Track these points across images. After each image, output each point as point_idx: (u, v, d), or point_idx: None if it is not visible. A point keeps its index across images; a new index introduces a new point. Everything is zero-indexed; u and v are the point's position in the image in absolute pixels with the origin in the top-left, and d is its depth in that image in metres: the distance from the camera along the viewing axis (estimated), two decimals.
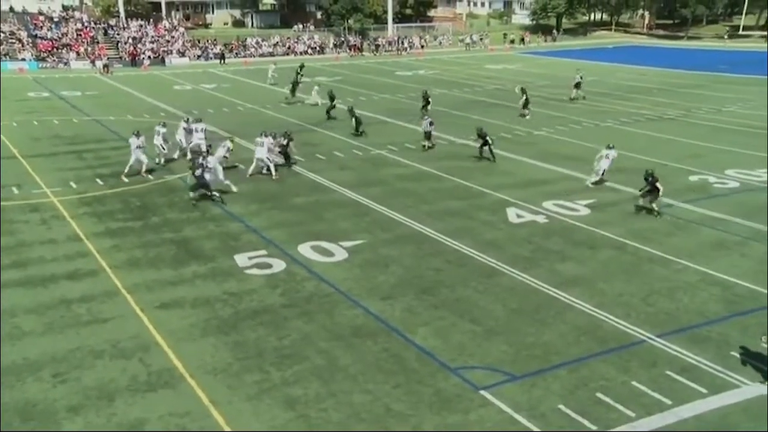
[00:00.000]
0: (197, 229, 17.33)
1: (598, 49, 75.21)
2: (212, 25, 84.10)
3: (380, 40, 75.41)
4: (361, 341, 11.73)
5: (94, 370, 10.80)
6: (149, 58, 60.39)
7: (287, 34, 74.82)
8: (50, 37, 60.68)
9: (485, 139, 23.81)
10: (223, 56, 62.55)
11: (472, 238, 16.66)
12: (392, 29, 79.99)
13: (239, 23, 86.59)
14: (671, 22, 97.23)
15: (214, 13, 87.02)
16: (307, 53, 69.03)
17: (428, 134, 25.91)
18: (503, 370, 10.83)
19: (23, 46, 58.56)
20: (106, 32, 64.04)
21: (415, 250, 15.96)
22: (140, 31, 65.05)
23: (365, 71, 55.33)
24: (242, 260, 15.24)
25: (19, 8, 65.62)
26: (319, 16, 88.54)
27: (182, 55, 63.43)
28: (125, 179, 21.59)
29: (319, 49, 71.57)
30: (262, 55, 67.12)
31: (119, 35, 63.73)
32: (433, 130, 26.05)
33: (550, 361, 11.11)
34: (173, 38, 65.56)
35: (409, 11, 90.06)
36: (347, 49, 72.12)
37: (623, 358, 11.20)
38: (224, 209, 18.80)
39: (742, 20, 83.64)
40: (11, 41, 58.16)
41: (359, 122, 28.30)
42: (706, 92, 42.19)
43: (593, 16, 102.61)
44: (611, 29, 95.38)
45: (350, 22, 78.76)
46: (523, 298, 13.44)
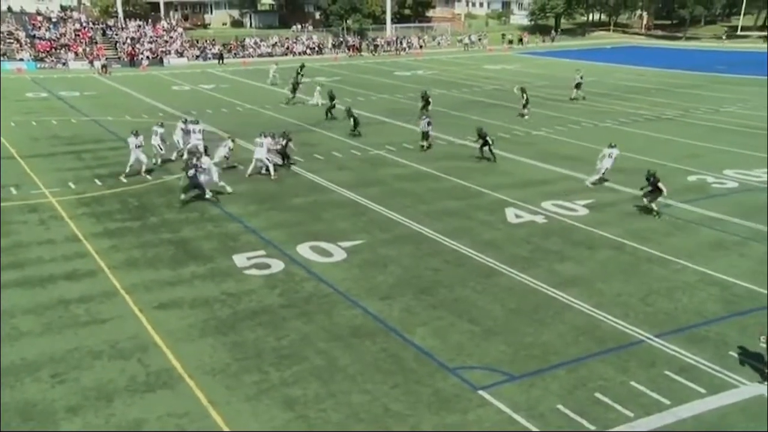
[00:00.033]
0: (196, 229, 17.32)
1: (596, 49, 75.25)
2: (211, 25, 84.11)
3: (379, 40, 75.38)
4: (359, 341, 11.73)
5: (92, 370, 10.79)
6: (148, 58, 60.34)
7: (286, 34, 74.81)
8: (48, 37, 60.63)
9: (485, 139, 23.83)
10: (221, 56, 62.54)
11: (470, 238, 16.67)
12: (391, 29, 79.99)
13: (238, 23, 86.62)
14: (669, 22, 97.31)
15: (212, 13, 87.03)
16: (305, 53, 68.99)
17: (426, 134, 25.94)
18: (502, 370, 10.83)
19: (21, 46, 58.49)
20: (104, 32, 64.00)
21: (413, 250, 15.97)
22: (139, 31, 65.02)
23: (364, 71, 55.33)
24: (241, 261, 15.24)
25: (17, 8, 65.56)
26: (317, 16, 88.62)
27: (181, 55, 63.40)
28: (124, 179, 21.59)
29: (317, 49, 71.55)
30: (260, 55, 67.10)
31: (117, 35, 63.68)
32: (430, 130, 26.09)
33: (548, 361, 11.11)
34: (172, 38, 65.53)
35: (407, 11, 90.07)
36: (346, 49, 72.09)
37: (622, 358, 11.21)
38: (223, 210, 18.80)
39: (740, 21, 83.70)
40: (9, 41, 58.09)
41: (357, 122, 28.33)
42: (704, 92, 42.24)
43: (591, 16, 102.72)
44: (609, 30, 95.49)
45: (349, 22, 78.78)
46: (521, 298, 13.45)
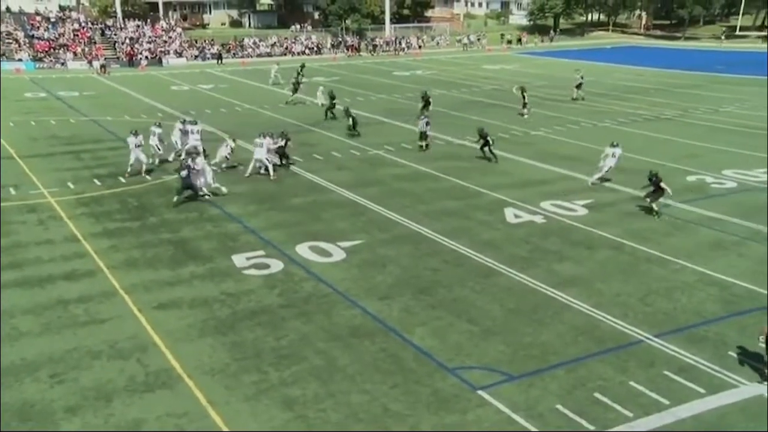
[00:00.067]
0: (195, 229, 17.32)
1: (595, 49, 75.29)
2: (209, 25, 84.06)
3: (378, 40, 75.38)
4: (358, 341, 11.73)
5: (91, 370, 10.79)
6: (146, 58, 60.31)
7: (285, 34, 74.78)
8: (47, 37, 60.57)
9: (486, 139, 23.85)
10: (220, 56, 62.50)
11: (469, 238, 16.67)
12: (390, 29, 79.97)
13: (236, 23, 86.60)
14: (668, 22, 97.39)
15: (211, 13, 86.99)
16: (304, 53, 68.96)
17: (424, 134, 25.89)
18: (501, 370, 10.83)
19: (20, 46, 58.44)
20: (103, 32, 63.96)
21: (412, 250, 15.97)
22: (137, 31, 64.98)
23: (363, 71, 55.32)
24: (240, 261, 15.23)
25: (15, 8, 65.49)
26: (316, 16, 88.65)
27: (179, 55, 63.37)
28: (123, 180, 21.57)
29: (316, 49, 71.54)
30: (259, 55, 67.08)
31: (116, 35, 63.63)
32: (428, 130, 26.06)
33: (547, 361, 11.12)
34: (170, 38, 65.49)
35: (406, 11, 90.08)
36: (345, 49, 72.06)
37: (621, 358, 11.22)
38: (222, 210, 18.79)
39: (739, 21, 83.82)
40: (8, 41, 58.03)
41: (355, 122, 28.34)
42: (703, 92, 42.26)
43: (590, 16, 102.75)
44: (608, 30, 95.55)
45: (348, 22, 78.80)
46: (520, 298, 13.45)
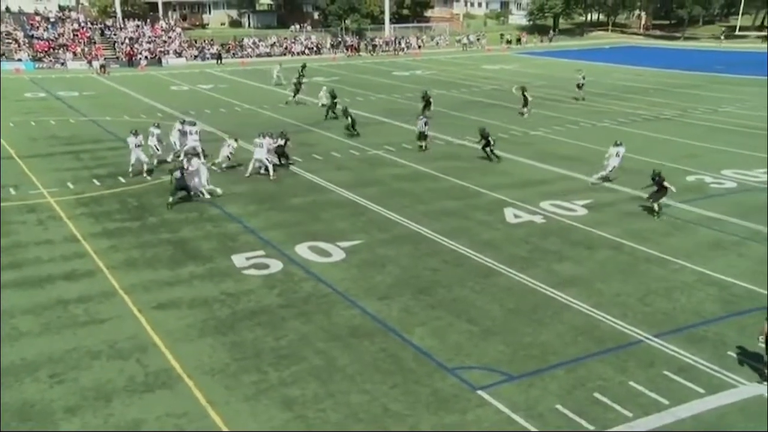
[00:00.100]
0: (195, 229, 17.31)
1: (594, 49, 75.30)
2: (209, 25, 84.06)
3: (377, 40, 75.40)
4: (358, 341, 11.73)
5: (91, 370, 10.79)
6: (146, 58, 60.31)
7: (284, 34, 74.79)
8: (47, 37, 60.57)
9: (487, 139, 23.86)
10: (220, 56, 62.50)
11: (469, 238, 16.67)
12: (389, 29, 79.97)
13: (236, 23, 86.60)
14: (668, 22, 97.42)
15: (211, 13, 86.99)
16: (304, 53, 68.95)
17: (423, 135, 25.84)
18: (500, 370, 10.83)
19: (20, 46, 58.42)
20: (102, 32, 63.95)
21: (412, 250, 15.97)
22: (137, 31, 64.98)
23: (362, 71, 55.32)
24: (240, 261, 15.23)
25: (15, 8, 65.46)
26: (316, 16, 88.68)
27: (179, 55, 63.37)
28: (122, 180, 21.57)
29: (315, 49, 71.55)
30: (259, 55, 67.08)
31: (116, 35, 63.63)
32: (427, 130, 26.01)
33: (547, 361, 11.12)
34: (170, 38, 65.48)
35: (406, 11, 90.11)
36: (344, 49, 72.06)
37: (620, 358, 11.22)
38: (222, 210, 18.79)
39: (738, 21, 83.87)
40: (7, 41, 58.02)
41: (354, 122, 28.35)
42: (702, 92, 42.28)
43: (590, 16, 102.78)
44: (608, 29, 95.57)
45: (347, 22, 78.81)
46: (520, 298, 13.46)
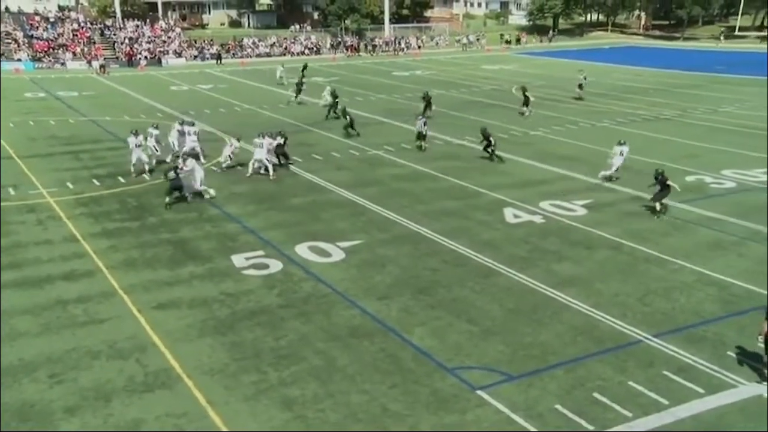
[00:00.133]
0: (194, 229, 17.31)
1: (594, 49, 75.32)
2: (209, 25, 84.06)
3: (377, 40, 75.39)
4: (358, 341, 11.73)
5: (90, 370, 10.78)
6: (146, 58, 60.31)
7: (284, 34, 74.80)
8: (46, 37, 60.56)
9: (489, 139, 23.88)
10: (219, 56, 62.49)
11: (468, 238, 16.67)
12: (389, 30, 79.98)
13: (236, 23, 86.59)
14: (667, 22, 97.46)
15: (210, 13, 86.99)
16: (303, 54, 68.96)
17: (422, 135, 25.80)
18: (500, 370, 10.83)
19: (19, 46, 58.42)
20: (102, 32, 63.95)
21: (411, 250, 15.97)
22: (137, 31, 64.97)
23: (362, 71, 55.32)
24: (239, 261, 15.23)
25: (14, 8, 65.44)
26: (315, 16, 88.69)
27: (179, 55, 63.36)
28: (122, 180, 21.57)
29: (315, 49, 71.55)
30: (258, 55, 67.09)
31: (116, 35, 63.62)
32: (426, 130, 25.97)
33: (547, 361, 11.12)
34: (170, 38, 65.48)
35: (405, 12, 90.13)
36: (344, 49, 72.07)
37: (620, 358, 11.22)
38: (222, 210, 18.78)
39: (738, 21, 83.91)
40: (7, 41, 58.00)
41: (352, 121, 28.37)
42: (702, 92, 42.28)
43: (590, 16, 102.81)
44: (607, 30, 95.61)
45: (347, 22, 78.81)
46: (519, 298, 13.46)
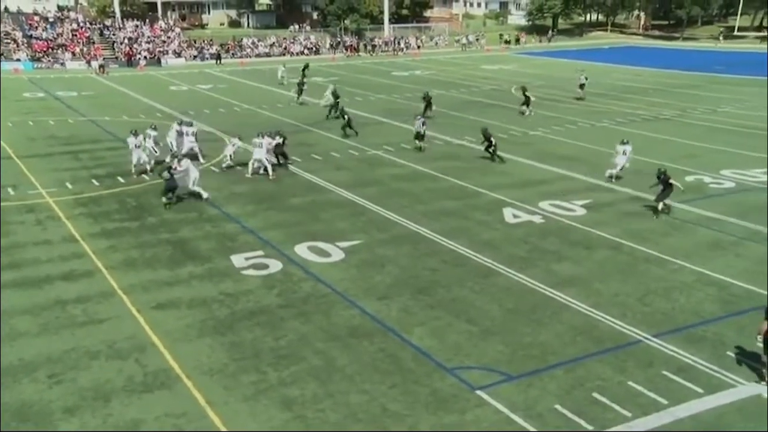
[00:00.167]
0: (194, 229, 17.30)
1: (593, 49, 75.34)
2: (208, 25, 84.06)
3: (376, 40, 75.41)
4: (357, 341, 11.73)
5: (89, 371, 10.77)
6: (145, 58, 60.30)
7: (283, 34, 74.81)
8: (45, 37, 60.54)
9: (490, 140, 23.88)
10: (219, 56, 62.48)
11: (468, 238, 16.67)
12: (388, 29, 80.00)
13: (235, 23, 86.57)
14: (667, 22, 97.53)
15: (210, 13, 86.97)
16: (303, 54, 68.97)
17: (420, 135, 25.76)
18: (499, 370, 10.83)
19: (18, 46, 58.39)
20: (101, 32, 63.93)
21: (411, 250, 15.96)
22: (136, 31, 64.96)
23: (361, 71, 55.32)
24: (239, 261, 15.22)
25: (14, 8, 65.40)
26: (315, 16, 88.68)
27: (178, 55, 63.35)
28: (121, 180, 21.57)
29: (315, 49, 71.55)
30: (258, 55, 67.09)
31: (115, 35, 63.60)
32: (425, 130, 25.93)
33: (546, 361, 11.12)
34: (169, 38, 65.47)
35: (405, 12, 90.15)
36: (343, 49, 72.08)
37: (619, 358, 11.22)
38: (221, 210, 18.78)
39: (737, 21, 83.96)
40: (6, 41, 57.96)
41: (350, 120, 28.44)
42: (701, 93, 42.30)
43: (589, 16, 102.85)
44: (607, 30, 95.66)
45: (346, 22, 78.80)
46: (519, 298, 13.46)
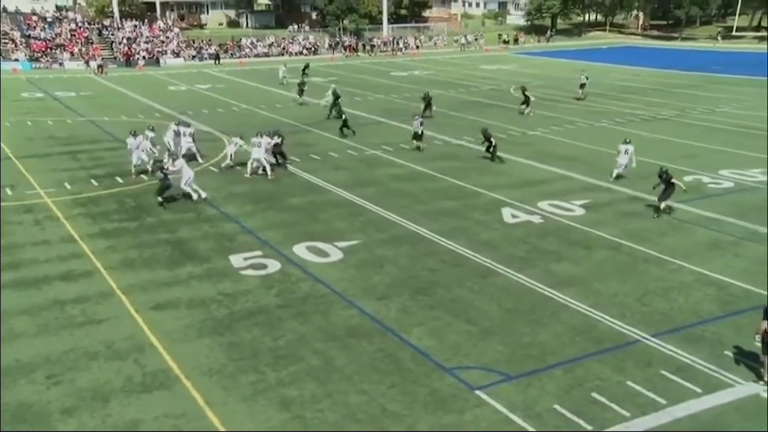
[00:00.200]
0: (192, 229, 17.29)
1: (592, 49, 75.39)
2: (207, 25, 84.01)
3: (375, 40, 75.44)
4: (356, 341, 11.72)
5: (88, 371, 10.76)
6: (144, 58, 60.28)
7: (282, 34, 74.80)
8: (44, 37, 60.48)
9: (490, 140, 23.89)
10: (218, 57, 62.46)
11: (467, 238, 16.67)
12: (387, 30, 79.99)
13: (234, 23, 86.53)
14: (665, 22, 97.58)
15: (208, 13, 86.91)
16: (302, 54, 68.96)
17: (418, 135, 25.73)
18: (498, 370, 10.83)
19: (17, 46, 58.33)
20: (100, 32, 63.89)
21: (410, 250, 15.96)
22: (135, 31, 64.93)
23: (360, 71, 55.32)
24: (237, 261, 15.22)
25: (12, 8, 65.33)
26: (314, 16, 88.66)
27: (177, 55, 63.31)
28: (120, 180, 21.56)
29: (313, 49, 71.54)
30: (257, 55, 67.07)
31: (113, 35, 63.56)
32: (422, 130, 25.89)
33: (545, 361, 11.12)
34: (168, 38, 65.43)
35: (404, 12, 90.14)
36: (342, 49, 72.09)
37: (618, 358, 11.23)
38: (219, 210, 18.77)
39: (735, 21, 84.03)
40: (5, 41, 57.90)
41: (346, 121, 28.51)
42: (700, 92, 42.34)
43: (588, 16, 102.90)
44: (606, 30, 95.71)
45: (345, 22, 78.80)
46: (518, 298, 13.46)
